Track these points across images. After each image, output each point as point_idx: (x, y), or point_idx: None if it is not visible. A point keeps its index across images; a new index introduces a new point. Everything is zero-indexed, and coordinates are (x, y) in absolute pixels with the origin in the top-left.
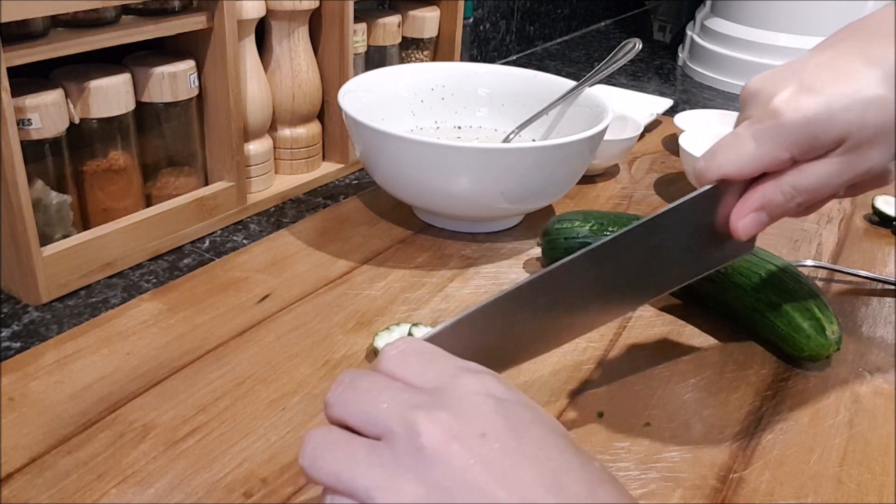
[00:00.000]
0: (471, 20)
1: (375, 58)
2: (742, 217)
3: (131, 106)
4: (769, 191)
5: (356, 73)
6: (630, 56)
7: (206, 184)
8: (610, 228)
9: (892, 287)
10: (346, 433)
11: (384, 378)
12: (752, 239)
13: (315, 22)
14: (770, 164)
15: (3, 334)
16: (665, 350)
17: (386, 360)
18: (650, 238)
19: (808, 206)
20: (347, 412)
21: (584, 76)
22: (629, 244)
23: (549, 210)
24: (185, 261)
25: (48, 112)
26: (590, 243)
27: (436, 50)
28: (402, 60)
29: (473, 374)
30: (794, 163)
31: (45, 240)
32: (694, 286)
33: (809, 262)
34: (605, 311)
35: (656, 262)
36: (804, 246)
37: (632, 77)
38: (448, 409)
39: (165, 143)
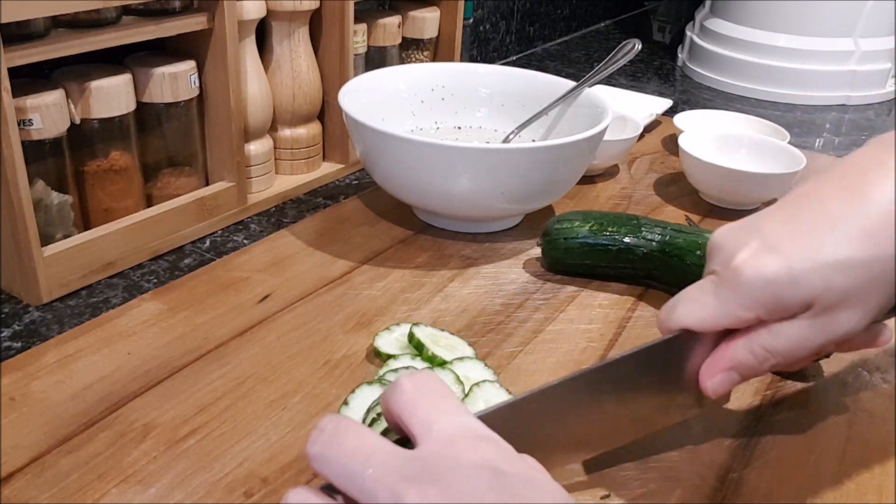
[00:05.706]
0: (471, 21)
1: (375, 58)
2: (712, 376)
3: (132, 106)
4: (740, 351)
5: (356, 74)
6: (630, 56)
7: (207, 184)
8: (609, 228)
9: None
10: (325, 501)
11: (372, 436)
12: (728, 393)
13: (315, 22)
14: (733, 322)
15: (3, 334)
16: None
17: (400, 392)
18: (605, 385)
19: (785, 365)
20: (330, 472)
21: (584, 76)
22: (583, 388)
23: (549, 210)
24: (186, 261)
25: (49, 112)
26: (590, 243)
27: (436, 50)
28: (402, 61)
29: (476, 440)
30: (763, 321)
31: (45, 240)
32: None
33: None
34: (573, 453)
35: (625, 407)
36: None
37: (631, 77)
38: (438, 482)
39: (166, 143)
